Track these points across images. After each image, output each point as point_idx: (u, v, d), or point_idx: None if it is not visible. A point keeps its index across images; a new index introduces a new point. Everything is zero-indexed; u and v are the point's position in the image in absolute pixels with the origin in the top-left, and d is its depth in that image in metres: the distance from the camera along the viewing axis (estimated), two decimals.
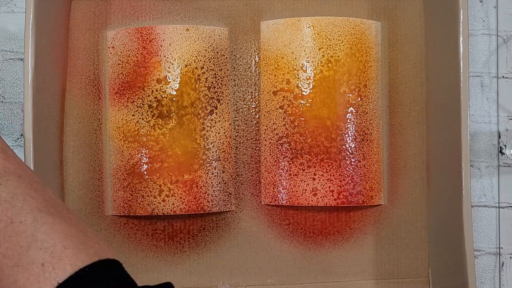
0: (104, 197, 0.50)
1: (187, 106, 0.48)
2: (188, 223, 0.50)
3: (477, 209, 0.53)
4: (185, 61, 0.48)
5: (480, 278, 0.52)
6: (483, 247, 0.53)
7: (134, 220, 0.50)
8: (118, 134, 0.49)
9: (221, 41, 0.50)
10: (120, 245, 0.50)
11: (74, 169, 0.49)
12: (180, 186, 0.47)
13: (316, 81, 0.48)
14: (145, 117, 0.48)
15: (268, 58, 0.50)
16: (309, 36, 0.49)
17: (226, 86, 0.50)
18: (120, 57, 0.49)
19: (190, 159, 0.48)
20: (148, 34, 0.48)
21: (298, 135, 0.48)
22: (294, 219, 0.51)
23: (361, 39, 0.49)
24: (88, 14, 0.50)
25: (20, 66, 0.50)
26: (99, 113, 0.50)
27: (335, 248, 0.51)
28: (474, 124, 0.53)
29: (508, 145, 0.52)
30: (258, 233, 0.51)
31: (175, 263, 0.50)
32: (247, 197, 0.50)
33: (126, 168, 0.48)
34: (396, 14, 0.52)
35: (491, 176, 0.53)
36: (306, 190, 0.48)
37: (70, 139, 0.50)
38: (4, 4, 0.51)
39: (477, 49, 0.53)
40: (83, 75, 0.50)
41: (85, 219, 0.49)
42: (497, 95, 0.53)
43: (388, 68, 0.52)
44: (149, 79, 0.48)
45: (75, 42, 0.50)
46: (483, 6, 0.53)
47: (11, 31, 0.51)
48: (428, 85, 0.51)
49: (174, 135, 0.48)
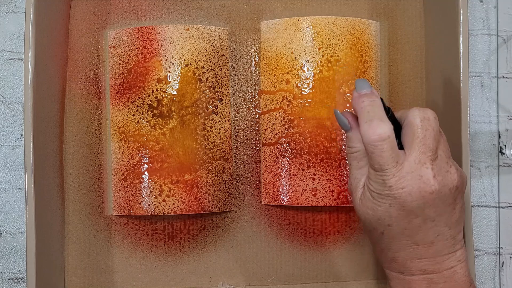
0: (104, 197, 0.50)
1: (188, 106, 0.48)
2: (188, 223, 0.50)
3: (477, 209, 0.53)
4: (186, 60, 0.48)
5: (480, 278, 0.52)
6: (483, 247, 0.53)
7: (134, 220, 0.50)
8: (118, 134, 0.49)
9: (221, 41, 0.50)
10: (120, 245, 0.50)
11: (74, 169, 0.49)
12: (180, 186, 0.47)
13: (316, 81, 0.48)
14: (146, 117, 0.48)
15: (268, 58, 0.50)
16: (308, 36, 0.49)
17: (227, 86, 0.50)
18: (120, 56, 0.49)
19: (190, 159, 0.48)
20: (149, 34, 0.48)
21: (297, 135, 0.48)
22: (294, 219, 0.51)
23: (361, 39, 0.49)
24: (88, 14, 0.50)
25: (20, 66, 0.50)
26: (99, 113, 0.50)
27: (335, 248, 0.51)
28: (474, 124, 0.53)
29: (508, 145, 0.52)
30: (258, 233, 0.51)
31: (175, 263, 0.50)
32: (247, 197, 0.50)
33: (126, 168, 0.48)
34: (396, 14, 0.52)
35: (491, 176, 0.53)
36: (306, 190, 0.48)
37: (70, 139, 0.50)
38: (4, 4, 0.51)
39: (477, 49, 0.53)
40: (83, 75, 0.50)
41: (85, 219, 0.49)
42: (497, 95, 0.53)
43: (388, 68, 0.52)
44: (149, 78, 0.48)
45: (75, 42, 0.50)
46: (483, 6, 0.53)
47: (11, 31, 0.51)
48: (428, 85, 0.51)
49: (175, 135, 0.48)
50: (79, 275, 0.49)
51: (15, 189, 0.50)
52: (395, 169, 0.35)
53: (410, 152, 0.36)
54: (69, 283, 0.49)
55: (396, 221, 0.36)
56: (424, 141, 0.35)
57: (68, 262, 0.49)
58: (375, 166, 0.35)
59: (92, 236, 0.50)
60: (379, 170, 0.35)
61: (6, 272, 0.50)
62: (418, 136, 0.36)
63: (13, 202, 0.50)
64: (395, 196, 0.35)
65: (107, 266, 0.50)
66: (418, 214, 0.36)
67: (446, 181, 0.36)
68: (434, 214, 0.36)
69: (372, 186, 0.36)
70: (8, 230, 0.50)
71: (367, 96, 0.37)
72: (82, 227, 0.49)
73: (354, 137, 0.38)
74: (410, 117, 0.36)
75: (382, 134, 0.35)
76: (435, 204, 0.36)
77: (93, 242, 0.50)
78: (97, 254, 0.50)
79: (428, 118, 0.36)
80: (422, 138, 0.36)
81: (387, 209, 0.36)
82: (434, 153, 0.36)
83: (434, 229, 0.36)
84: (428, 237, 0.36)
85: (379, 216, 0.36)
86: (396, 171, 0.35)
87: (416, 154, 0.35)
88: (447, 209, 0.36)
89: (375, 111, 0.36)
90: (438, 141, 0.36)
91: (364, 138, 0.35)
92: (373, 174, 0.36)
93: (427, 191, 0.35)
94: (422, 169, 0.35)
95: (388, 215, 0.36)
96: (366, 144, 0.35)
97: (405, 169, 0.35)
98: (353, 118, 0.38)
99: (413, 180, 0.35)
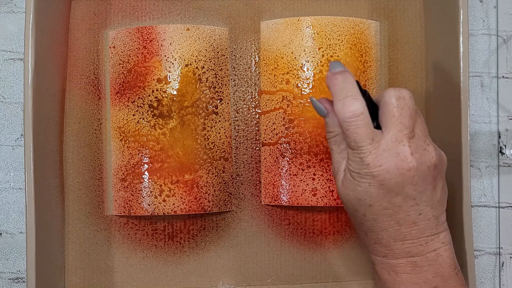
0: (104, 197, 0.50)
1: (188, 106, 0.48)
2: (188, 223, 0.50)
3: (477, 209, 0.53)
4: (186, 60, 0.48)
5: (480, 278, 0.52)
6: (483, 247, 0.53)
7: (134, 220, 0.50)
8: (118, 134, 0.49)
9: (221, 41, 0.50)
10: (120, 245, 0.50)
11: (74, 169, 0.49)
12: (180, 186, 0.47)
13: (316, 81, 0.48)
14: (146, 117, 0.48)
15: (268, 58, 0.50)
16: (308, 36, 0.49)
17: (227, 86, 0.50)
18: (121, 56, 0.49)
19: (191, 159, 0.48)
20: (149, 34, 0.48)
21: (297, 135, 0.48)
22: (294, 219, 0.51)
23: (360, 39, 0.49)
24: (88, 14, 0.50)
25: (20, 66, 0.50)
26: (99, 113, 0.50)
27: (335, 248, 0.51)
28: (474, 124, 0.53)
29: (508, 145, 0.53)
30: (258, 233, 0.51)
31: (175, 263, 0.50)
32: (247, 197, 0.50)
33: (126, 168, 0.48)
34: (396, 14, 0.52)
35: (491, 176, 0.53)
36: (305, 190, 0.48)
37: (70, 139, 0.50)
38: (4, 4, 0.51)
39: (477, 49, 0.53)
40: (83, 75, 0.50)
41: (85, 219, 0.49)
42: (497, 95, 0.53)
43: (388, 68, 0.52)
44: (149, 78, 0.48)
45: (75, 42, 0.50)
46: (483, 6, 0.53)
47: (11, 31, 0.51)
48: (428, 85, 0.51)
49: (175, 135, 0.48)
50: (79, 275, 0.49)
51: (15, 189, 0.50)
52: (371, 146, 0.35)
53: (387, 131, 0.36)
54: (69, 283, 0.49)
55: (377, 200, 0.36)
56: (400, 119, 0.36)
57: (68, 262, 0.49)
58: (351, 144, 0.36)
59: (92, 236, 0.50)
60: (356, 148, 0.36)
61: (6, 272, 0.50)
62: (394, 114, 0.36)
63: (13, 202, 0.50)
64: (373, 174, 0.35)
65: (107, 266, 0.50)
66: (398, 192, 0.36)
67: (424, 159, 0.36)
68: (414, 193, 0.36)
69: (351, 166, 0.37)
70: (8, 230, 0.50)
71: (340, 73, 0.37)
72: (82, 227, 0.49)
73: (331, 122, 0.39)
74: (386, 97, 0.37)
75: (355, 111, 0.35)
76: (414, 181, 0.36)
77: (93, 242, 0.50)
78: (97, 254, 0.50)
79: (403, 97, 0.37)
80: (398, 117, 0.36)
81: (367, 188, 0.36)
82: (411, 132, 0.36)
83: (415, 207, 0.36)
84: (410, 216, 0.37)
85: (360, 197, 0.37)
86: (373, 148, 0.35)
87: (392, 132, 0.36)
88: (427, 187, 0.37)
89: (348, 88, 0.36)
90: (414, 120, 0.37)
91: (339, 116, 0.36)
92: (351, 153, 0.36)
93: (405, 168, 0.35)
94: (399, 147, 0.35)
95: (369, 195, 0.36)
96: (341, 122, 0.36)
97: (382, 147, 0.35)
98: (329, 104, 0.39)
99: (390, 158, 0.35)
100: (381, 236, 0.38)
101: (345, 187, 0.38)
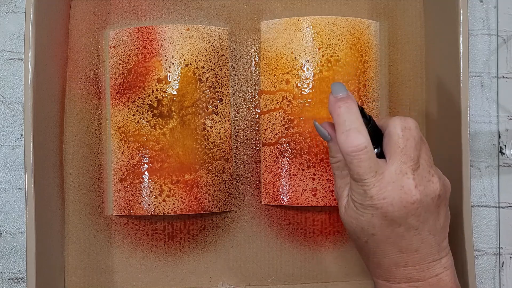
0: (104, 197, 0.50)
1: (188, 106, 0.48)
2: (188, 223, 0.50)
3: (477, 209, 0.53)
4: (186, 60, 0.48)
5: (480, 278, 0.52)
6: (483, 247, 0.53)
7: (134, 220, 0.50)
8: (118, 134, 0.49)
9: (221, 41, 0.50)
10: (120, 245, 0.50)
11: (74, 169, 0.49)
12: (181, 186, 0.47)
13: (316, 81, 0.48)
14: (146, 117, 0.48)
15: (267, 58, 0.50)
16: (308, 36, 0.49)
17: (227, 86, 0.50)
18: (121, 56, 0.49)
19: (191, 159, 0.48)
20: (149, 34, 0.48)
21: (297, 135, 0.48)
22: (294, 219, 0.51)
23: (360, 38, 0.49)
24: (88, 14, 0.50)
25: (20, 66, 0.50)
26: (99, 113, 0.50)
27: (335, 248, 0.51)
28: (474, 124, 0.53)
29: (508, 145, 0.52)
30: (258, 233, 0.51)
31: (175, 263, 0.50)
32: (247, 197, 0.50)
33: (126, 168, 0.48)
34: (396, 14, 0.52)
35: (491, 176, 0.53)
36: (305, 190, 0.48)
37: (70, 139, 0.50)
38: (4, 4, 0.51)
39: (477, 49, 0.53)
40: (83, 75, 0.50)
41: (85, 219, 0.49)
42: (497, 95, 0.53)
43: (388, 68, 0.52)
44: (149, 78, 0.48)
45: (75, 42, 0.50)
46: (483, 6, 0.53)
47: (11, 31, 0.51)
48: (428, 85, 0.51)
49: (175, 135, 0.48)
50: (79, 275, 0.49)
51: (15, 189, 0.50)
52: (375, 179, 0.35)
53: (391, 162, 0.35)
54: (69, 283, 0.49)
55: (380, 230, 0.36)
56: (405, 151, 0.35)
57: (68, 262, 0.49)
58: (355, 176, 0.35)
59: (92, 236, 0.50)
60: (359, 180, 0.35)
61: (6, 272, 0.50)
62: (399, 146, 0.36)
63: (13, 202, 0.50)
64: (377, 206, 0.35)
65: (107, 266, 0.50)
66: (401, 223, 0.36)
67: (428, 191, 0.36)
68: (417, 223, 0.36)
69: (355, 197, 0.36)
70: (8, 230, 0.50)
71: (343, 100, 0.36)
72: (82, 227, 0.49)
73: (334, 148, 0.38)
74: (391, 127, 0.36)
75: (359, 145, 0.35)
76: (417, 213, 0.36)
77: (93, 242, 0.50)
78: (97, 254, 0.50)
79: (409, 127, 0.36)
80: (403, 148, 0.35)
81: (370, 219, 0.36)
82: (416, 163, 0.36)
83: (417, 237, 0.36)
84: (412, 245, 0.36)
85: (362, 226, 0.37)
86: (376, 181, 0.35)
87: (397, 164, 0.35)
88: (430, 217, 0.36)
89: (351, 120, 0.35)
90: (419, 150, 0.36)
91: (342, 149, 0.35)
92: (354, 185, 0.36)
93: (409, 201, 0.35)
94: (403, 179, 0.35)
95: (372, 225, 0.36)
96: (344, 155, 0.35)
97: (386, 179, 0.35)
98: (332, 129, 0.38)
99: (394, 191, 0.35)
100: (382, 261, 0.38)
101: (348, 215, 0.37)
